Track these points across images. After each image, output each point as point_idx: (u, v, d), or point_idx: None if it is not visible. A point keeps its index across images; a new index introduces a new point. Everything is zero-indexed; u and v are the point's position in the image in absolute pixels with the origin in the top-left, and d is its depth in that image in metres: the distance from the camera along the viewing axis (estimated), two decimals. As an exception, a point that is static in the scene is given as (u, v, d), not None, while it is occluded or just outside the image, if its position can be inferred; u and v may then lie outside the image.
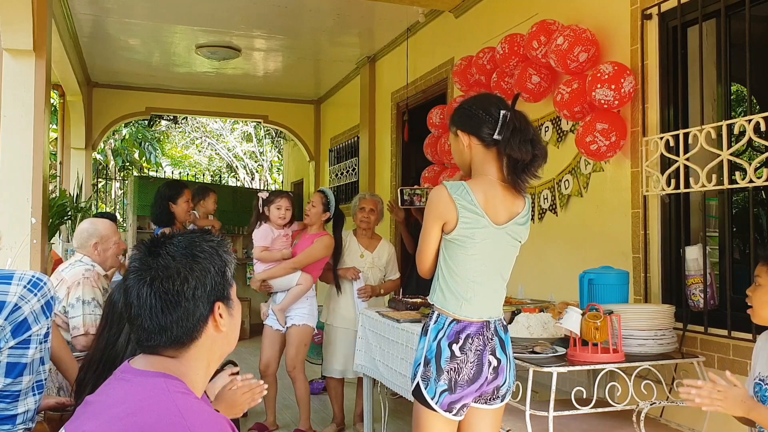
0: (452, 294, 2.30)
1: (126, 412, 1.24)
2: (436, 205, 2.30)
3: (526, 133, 2.25)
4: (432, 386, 2.27)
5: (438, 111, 5.04)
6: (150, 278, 1.32)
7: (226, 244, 1.44)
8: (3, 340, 2.08)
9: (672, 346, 2.87)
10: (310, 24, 6.17)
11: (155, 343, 1.33)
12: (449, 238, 2.30)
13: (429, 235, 2.34)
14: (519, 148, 2.23)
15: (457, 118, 2.41)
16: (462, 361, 2.27)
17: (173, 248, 1.35)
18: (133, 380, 1.30)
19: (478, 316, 2.30)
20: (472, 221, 2.26)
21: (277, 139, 15.76)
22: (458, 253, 2.30)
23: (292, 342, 4.55)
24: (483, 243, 2.29)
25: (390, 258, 4.80)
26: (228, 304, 1.40)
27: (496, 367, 2.32)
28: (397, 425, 4.73)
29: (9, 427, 2.12)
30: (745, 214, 4.36)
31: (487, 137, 2.29)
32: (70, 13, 5.86)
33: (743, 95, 5.82)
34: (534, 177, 2.31)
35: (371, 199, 4.69)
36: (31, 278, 2.15)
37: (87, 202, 7.49)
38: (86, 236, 3.27)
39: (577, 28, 3.55)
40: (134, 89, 8.62)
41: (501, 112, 2.27)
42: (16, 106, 4.36)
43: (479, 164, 2.34)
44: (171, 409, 1.23)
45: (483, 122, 2.29)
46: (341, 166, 8.31)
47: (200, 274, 1.34)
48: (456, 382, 2.27)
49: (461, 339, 2.28)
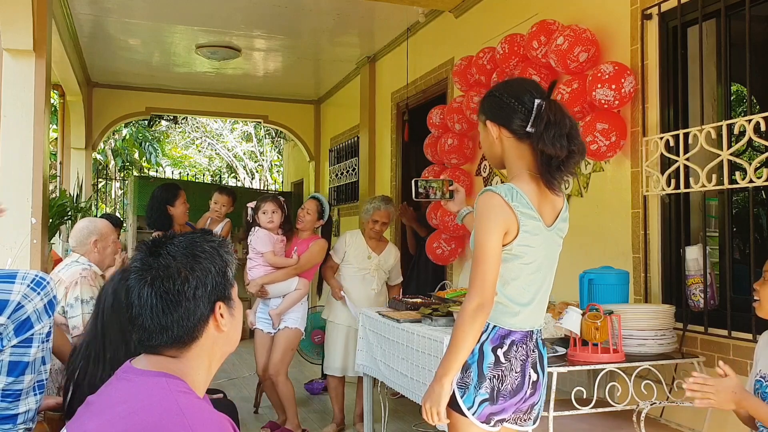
0: (499, 303, 2.03)
1: (128, 411, 1.24)
2: (493, 215, 1.98)
3: (561, 126, 1.98)
4: (470, 395, 2.02)
5: (438, 111, 5.04)
6: (151, 278, 1.32)
7: (227, 244, 1.44)
8: (6, 338, 2.08)
9: (672, 346, 2.88)
10: (310, 24, 6.17)
11: (156, 343, 1.33)
12: (507, 250, 2.01)
13: (491, 252, 1.97)
14: (553, 143, 1.96)
15: (486, 107, 2.14)
16: (506, 368, 2.02)
17: (174, 248, 1.35)
18: (134, 380, 1.31)
19: (522, 326, 2.07)
20: (531, 227, 2.02)
21: (277, 139, 15.77)
22: (514, 264, 2.03)
23: (280, 345, 4.54)
24: (539, 249, 2.06)
25: (395, 262, 4.81)
26: (229, 304, 1.41)
27: (535, 382, 2.08)
28: (397, 425, 4.73)
29: (10, 426, 2.12)
30: (745, 214, 4.37)
31: (519, 129, 2.03)
32: (70, 13, 5.86)
33: (743, 95, 5.82)
34: (570, 175, 2.06)
35: (386, 211, 4.64)
36: (35, 277, 2.16)
37: (87, 202, 7.49)
38: (86, 234, 3.28)
39: (577, 28, 3.55)
40: (134, 89, 8.62)
41: (535, 101, 2.00)
42: (16, 106, 4.35)
43: (515, 159, 2.09)
44: (172, 408, 1.24)
45: (514, 112, 2.03)
46: (341, 166, 8.31)
47: (201, 274, 1.34)
48: (498, 391, 2.02)
49: (506, 344, 2.04)
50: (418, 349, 3.37)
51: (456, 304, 3.76)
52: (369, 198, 4.97)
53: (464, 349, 1.99)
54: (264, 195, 5.40)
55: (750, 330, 2.72)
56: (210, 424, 1.27)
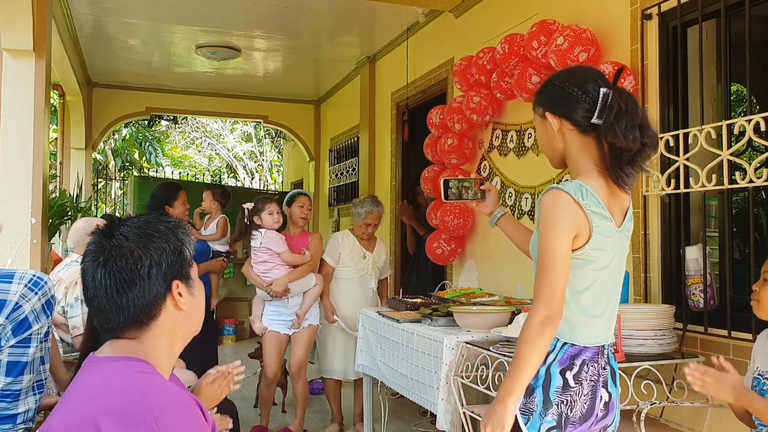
0: (568, 316, 1.83)
1: (87, 397, 1.24)
2: (562, 216, 1.80)
3: (633, 116, 1.82)
4: (535, 422, 1.82)
5: (438, 111, 5.04)
6: (104, 259, 1.34)
7: (183, 226, 1.45)
8: (4, 338, 2.08)
9: (672, 346, 2.88)
10: (310, 24, 6.17)
11: (114, 325, 1.34)
12: (577, 255, 1.82)
13: (560, 257, 1.78)
14: (625, 134, 1.80)
15: (545, 98, 1.97)
16: (576, 392, 1.83)
17: (127, 229, 1.37)
18: (95, 367, 1.31)
19: (594, 341, 1.87)
20: (604, 229, 1.84)
21: (277, 139, 15.77)
22: (585, 271, 1.84)
23: (303, 342, 4.54)
24: (611, 252, 1.87)
25: (386, 257, 4.86)
26: (188, 284, 1.41)
27: (607, 403, 1.89)
28: (397, 425, 4.73)
29: (9, 426, 2.12)
30: (745, 214, 4.37)
31: (583, 121, 1.86)
32: (70, 13, 5.86)
33: (743, 95, 5.82)
34: (641, 170, 1.86)
35: (377, 213, 4.69)
36: (32, 277, 2.15)
37: (87, 202, 7.50)
38: (83, 234, 3.29)
39: (577, 28, 3.55)
40: (134, 89, 8.62)
41: (600, 89, 1.84)
42: (16, 106, 4.35)
43: (580, 154, 1.90)
44: (131, 389, 1.23)
45: (578, 102, 1.86)
46: (341, 166, 8.31)
47: (155, 253, 1.35)
48: (567, 418, 1.82)
49: (576, 365, 1.84)
50: (418, 349, 3.37)
51: (456, 304, 3.76)
52: (357, 200, 4.90)
53: (530, 368, 1.79)
54: (262, 196, 5.39)
55: (750, 330, 2.72)
56: (174, 404, 1.26)
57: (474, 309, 3.45)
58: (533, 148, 4.25)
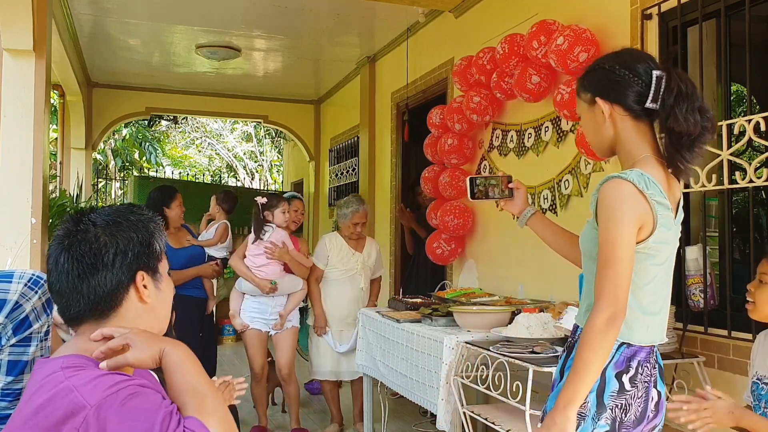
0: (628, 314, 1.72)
1: (23, 401, 1.24)
2: (626, 207, 1.68)
3: (693, 99, 1.71)
4: (587, 427, 1.71)
5: (438, 111, 5.04)
6: (68, 243, 1.32)
7: (156, 221, 1.43)
8: (4, 337, 2.08)
9: (672, 346, 2.88)
10: (310, 24, 6.17)
11: (75, 312, 1.33)
12: (640, 249, 1.71)
13: (625, 252, 1.67)
14: (686, 118, 1.69)
15: (592, 82, 1.85)
16: (631, 396, 1.73)
17: (96, 216, 1.36)
18: (36, 370, 1.29)
19: (650, 340, 1.78)
20: (666, 220, 1.72)
21: (277, 139, 15.77)
22: (647, 266, 1.74)
23: (289, 344, 4.55)
24: (671, 246, 1.78)
25: (377, 255, 4.84)
26: (154, 277, 1.39)
27: (657, 403, 1.81)
28: (397, 425, 4.73)
29: (9, 426, 2.12)
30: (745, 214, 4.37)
31: (637, 106, 1.76)
32: (70, 13, 5.86)
33: (743, 95, 5.82)
34: (698, 156, 1.75)
35: (364, 211, 4.69)
36: (32, 276, 2.15)
37: (87, 202, 7.50)
38: None
39: (577, 28, 3.55)
40: (134, 89, 8.62)
41: (653, 72, 1.73)
42: (16, 106, 4.35)
43: (635, 141, 1.79)
44: (60, 384, 1.20)
45: (629, 86, 1.75)
46: (341, 166, 8.31)
47: (122, 242, 1.34)
48: (621, 423, 1.72)
49: (632, 368, 1.74)
50: (418, 349, 3.37)
51: (456, 304, 3.76)
52: (341, 202, 4.86)
53: (593, 372, 1.66)
54: (275, 193, 5.46)
55: (750, 330, 2.72)
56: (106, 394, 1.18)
57: (474, 309, 3.46)
58: (533, 148, 4.25)
